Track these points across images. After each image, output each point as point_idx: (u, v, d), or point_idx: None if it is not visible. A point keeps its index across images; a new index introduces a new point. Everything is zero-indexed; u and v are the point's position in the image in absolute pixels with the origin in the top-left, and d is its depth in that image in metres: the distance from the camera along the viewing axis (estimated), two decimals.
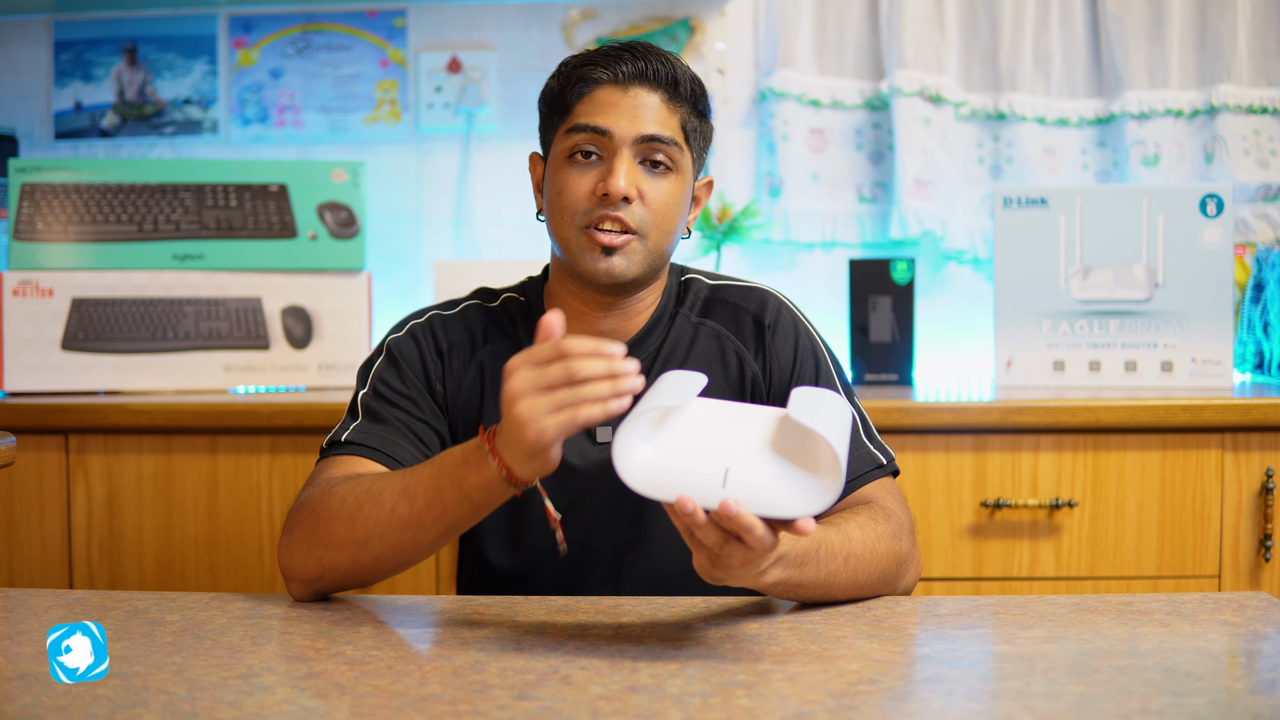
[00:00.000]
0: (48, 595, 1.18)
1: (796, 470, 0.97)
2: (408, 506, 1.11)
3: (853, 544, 1.14)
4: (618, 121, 1.24)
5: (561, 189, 1.26)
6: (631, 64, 1.26)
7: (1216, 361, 2.06)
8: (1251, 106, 2.39)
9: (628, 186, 1.23)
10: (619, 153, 1.24)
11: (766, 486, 0.95)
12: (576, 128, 1.26)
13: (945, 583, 1.87)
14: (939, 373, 2.43)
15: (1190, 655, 0.98)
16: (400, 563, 1.15)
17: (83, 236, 2.15)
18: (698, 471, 0.97)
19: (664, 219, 1.27)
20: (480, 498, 1.08)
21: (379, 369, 1.32)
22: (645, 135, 1.25)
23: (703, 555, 1.00)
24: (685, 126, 1.28)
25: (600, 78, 1.26)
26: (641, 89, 1.26)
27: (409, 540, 1.12)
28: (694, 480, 0.96)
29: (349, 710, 0.85)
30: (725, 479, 0.96)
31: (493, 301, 1.38)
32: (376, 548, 1.13)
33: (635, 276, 1.27)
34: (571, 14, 2.50)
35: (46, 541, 1.95)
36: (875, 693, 0.89)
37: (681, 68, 1.28)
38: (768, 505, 0.95)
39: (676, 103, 1.27)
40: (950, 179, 2.42)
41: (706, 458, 0.98)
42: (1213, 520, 1.85)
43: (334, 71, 2.52)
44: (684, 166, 1.29)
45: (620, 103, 1.25)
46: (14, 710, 0.85)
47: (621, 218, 1.24)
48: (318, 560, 1.15)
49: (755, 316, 1.35)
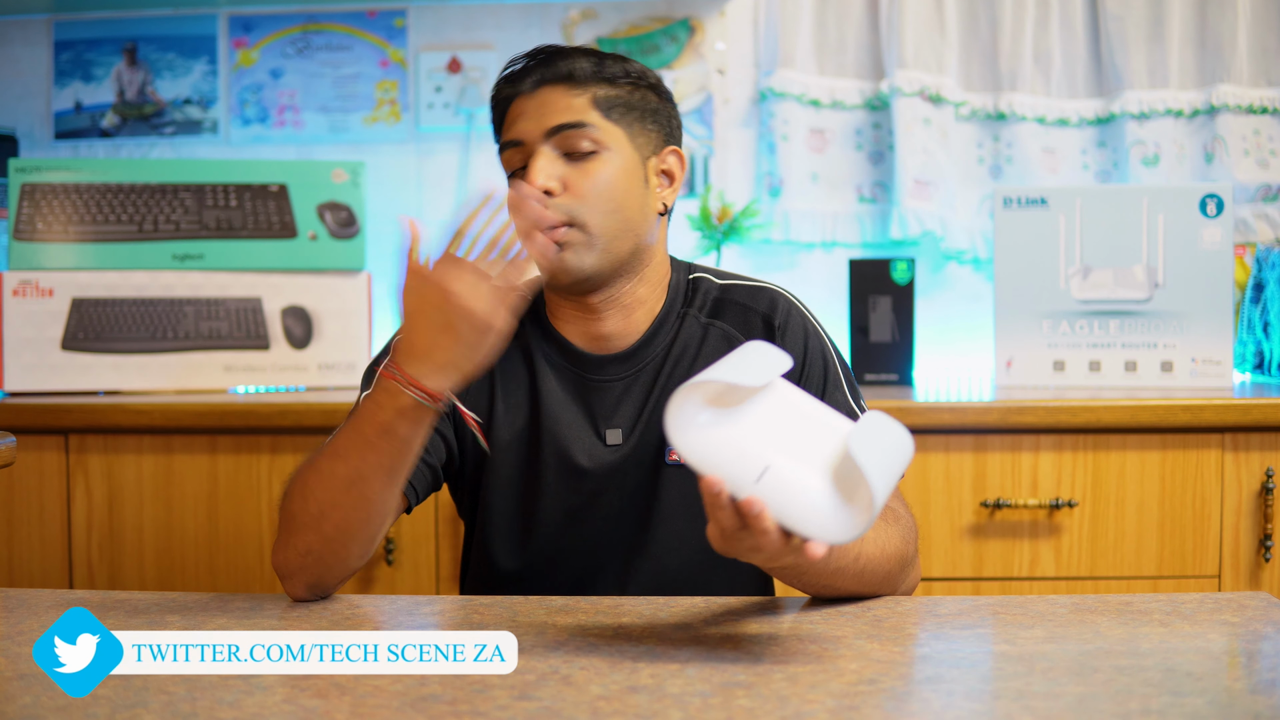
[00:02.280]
0: (48, 595, 1.18)
1: (833, 494, 0.96)
2: (343, 465, 1.12)
3: (865, 544, 1.14)
4: (525, 126, 1.26)
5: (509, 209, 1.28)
6: (534, 73, 1.27)
7: (1216, 361, 2.06)
8: (1251, 106, 2.39)
9: (544, 180, 1.23)
10: (534, 152, 1.25)
11: (797, 498, 0.95)
12: (502, 147, 1.29)
13: (945, 583, 1.87)
14: (939, 373, 2.43)
15: (1190, 655, 0.98)
16: (361, 526, 1.13)
17: (83, 236, 2.15)
18: (740, 458, 0.96)
19: (600, 199, 1.25)
20: (403, 428, 1.09)
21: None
22: (551, 128, 1.25)
23: (716, 530, 0.99)
24: (599, 104, 1.27)
25: (509, 94, 1.29)
26: (544, 89, 1.27)
27: (357, 498, 1.12)
28: (732, 465, 0.96)
29: (349, 710, 0.85)
30: (762, 475, 0.95)
31: None
32: (334, 516, 1.13)
33: (593, 267, 1.25)
34: (571, 14, 2.50)
35: (46, 541, 1.95)
36: (875, 693, 0.89)
37: (582, 59, 1.27)
38: (790, 516, 0.94)
39: (579, 87, 1.27)
40: (950, 179, 2.42)
41: (753, 448, 0.97)
42: (1213, 520, 1.85)
43: (334, 71, 2.52)
44: (613, 143, 1.27)
45: (527, 108, 1.27)
46: (14, 710, 0.85)
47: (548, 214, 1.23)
48: (294, 549, 1.15)
49: (765, 317, 1.33)
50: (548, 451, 1.30)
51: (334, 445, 1.14)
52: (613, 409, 1.31)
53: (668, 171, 1.33)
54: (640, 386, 1.31)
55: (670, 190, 1.33)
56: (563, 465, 1.30)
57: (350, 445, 1.12)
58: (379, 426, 1.10)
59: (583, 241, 1.24)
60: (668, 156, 1.33)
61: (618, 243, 1.26)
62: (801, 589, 1.14)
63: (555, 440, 1.30)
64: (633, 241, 1.28)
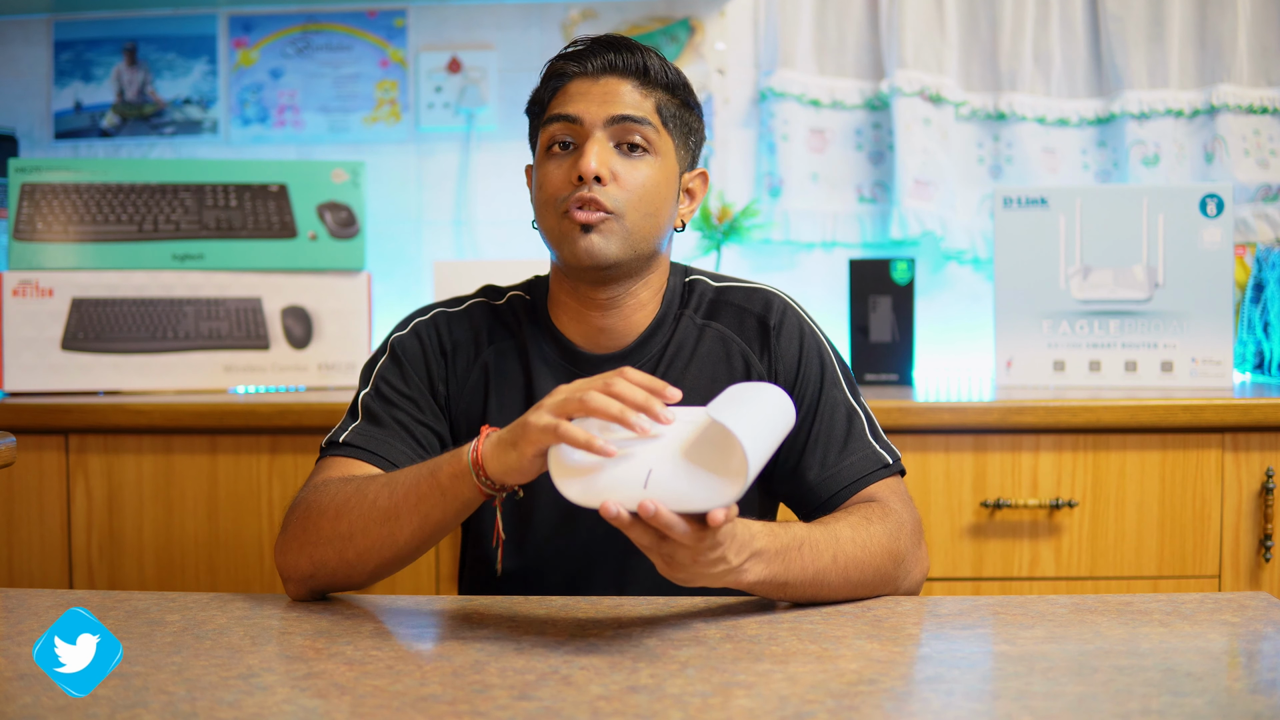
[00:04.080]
0: (48, 595, 1.18)
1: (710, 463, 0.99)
2: (388, 498, 1.13)
3: (841, 543, 1.15)
4: (588, 107, 1.26)
5: (542, 181, 1.28)
6: (601, 56, 1.28)
7: (1216, 361, 2.06)
8: (1251, 106, 2.39)
9: (599, 166, 1.24)
10: (591, 135, 1.26)
11: (680, 483, 0.98)
12: (551, 119, 1.28)
13: (945, 583, 1.87)
14: (939, 373, 2.43)
15: (1190, 655, 0.98)
16: (382, 559, 1.15)
17: (83, 236, 2.15)
18: (623, 476, 1.00)
19: (642, 200, 1.26)
20: (451, 487, 1.10)
21: (382, 368, 1.32)
22: (616, 116, 1.26)
23: (653, 558, 1.02)
24: (661, 111, 1.29)
25: (572, 71, 1.28)
26: (611, 78, 1.28)
27: (387, 534, 1.13)
28: (620, 484, 0.99)
29: (349, 710, 0.85)
30: (647, 480, 0.99)
31: (498, 299, 1.38)
32: (360, 542, 1.14)
33: (616, 258, 1.26)
34: (571, 14, 2.50)
35: (46, 541, 1.95)
36: (875, 693, 0.89)
37: (654, 58, 1.30)
38: (683, 500, 0.97)
39: (649, 87, 1.28)
40: (950, 179, 2.42)
41: (633, 461, 1.00)
42: (1213, 520, 1.85)
43: (334, 71, 2.52)
44: (663, 150, 1.29)
45: (591, 91, 1.27)
46: (14, 710, 0.85)
47: (596, 198, 1.24)
48: (308, 558, 1.16)
49: (760, 318, 1.34)
50: None
51: (392, 475, 1.16)
52: None
53: (691, 190, 1.36)
54: None
55: (689, 208, 1.36)
56: None
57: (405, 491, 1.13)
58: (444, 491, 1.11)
59: (616, 231, 1.25)
60: (696, 176, 1.37)
61: (643, 244, 1.28)
62: (795, 600, 1.14)
63: None
64: (653, 247, 1.30)
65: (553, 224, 1.27)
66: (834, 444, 1.29)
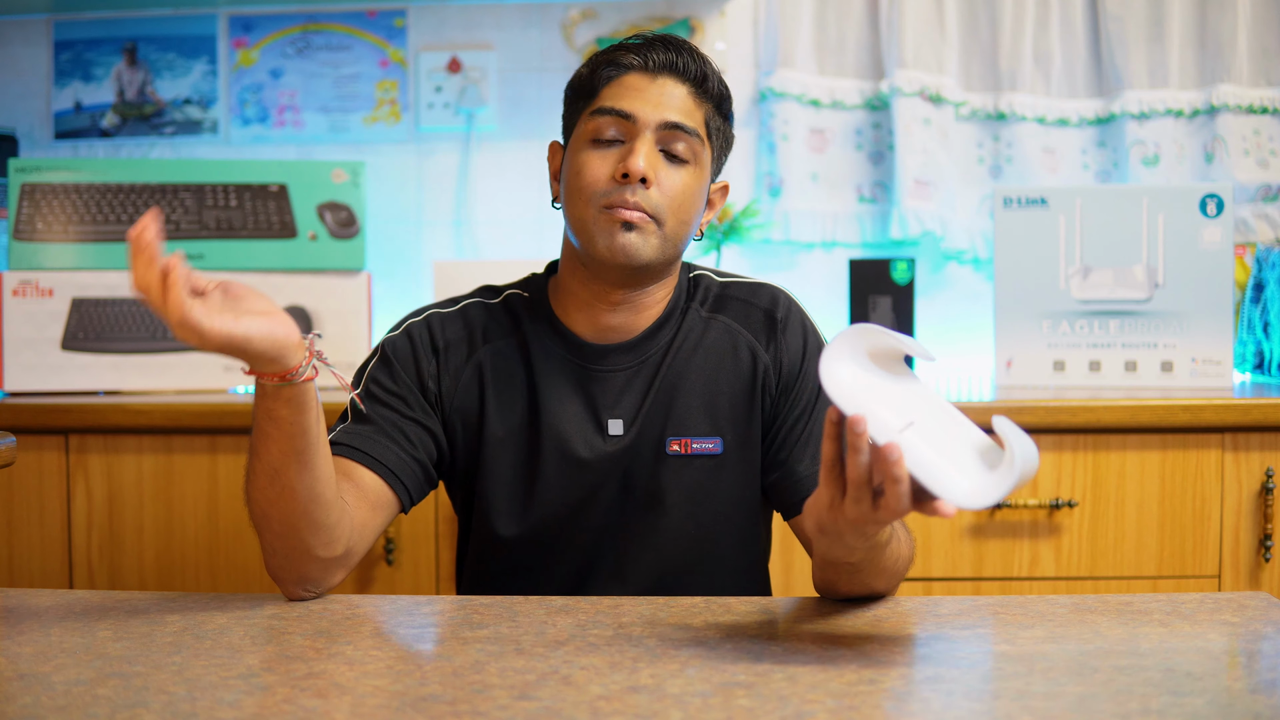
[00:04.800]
0: (48, 595, 1.18)
1: (970, 462, 0.96)
2: (258, 462, 1.12)
3: (901, 546, 1.17)
4: (643, 107, 1.25)
5: (581, 169, 1.27)
6: (663, 54, 1.27)
7: (1216, 361, 2.06)
8: (1251, 106, 2.39)
9: (647, 168, 1.23)
10: (641, 135, 1.25)
11: (936, 458, 0.95)
12: (601, 110, 1.26)
13: (945, 583, 1.87)
14: (939, 373, 2.43)
15: (1190, 655, 0.98)
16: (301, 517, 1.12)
17: (83, 236, 2.15)
18: (885, 411, 0.97)
19: (680, 208, 1.26)
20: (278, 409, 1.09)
21: (372, 369, 1.33)
22: (668, 122, 1.25)
23: (829, 493, 0.98)
24: (709, 123, 1.29)
25: (630, 64, 1.27)
26: (670, 79, 1.27)
27: (281, 489, 1.11)
28: (876, 414, 0.96)
29: (349, 710, 0.85)
30: (904, 429, 0.96)
31: (494, 298, 1.38)
32: (273, 513, 1.13)
33: (649, 260, 1.26)
34: (571, 14, 2.50)
35: (46, 541, 1.95)
36: (875, 693, 0.89)
37: (711, 67, 1.30)
38: (927, 472, 0.93)
39: (702, 98, 1.28)
40: (950, 179, 2.42)
41: (898, 407, 0.98)
42: (1213, 520, 1.85)
43: (334, 71, 2.52)
44: (704, 161, 1.29)
45: (647, 89, 1.26)
46: (14, 710, 0.85)
47: (638, 200, 1.24)
48: (266, 552, 1.16)
49: (767, 311, 1.35)
50: (547, 444, 1.30)
51: (249, 447, 1.15)
52: (615, 399, 1.31)
53: (712, 200, 1.37)
54: (643, 378, 1.32)
55: (707, 217, 1.36)
56: (562, 456, 1.30)
57: (255, 442, 1.12)
58: (263, 414, 1.11)
59: (655, 234, 1.25)
60: (719, 188, 1.37)
61: (673, 251, 1.29)
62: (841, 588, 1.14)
63: (555, 432, 1.30)
64: (680, 253, 1.31)
65: (587, 215, 1.26)
66: None
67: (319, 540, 1.14)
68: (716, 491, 1.31)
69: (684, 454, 1.31)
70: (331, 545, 1.15)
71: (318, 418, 1.12)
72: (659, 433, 1.31)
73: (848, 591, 1.15)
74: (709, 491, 1.31)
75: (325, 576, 1.17)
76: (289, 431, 1.10)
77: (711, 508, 1.32)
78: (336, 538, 1.16)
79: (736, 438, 1.32)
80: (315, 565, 1.16)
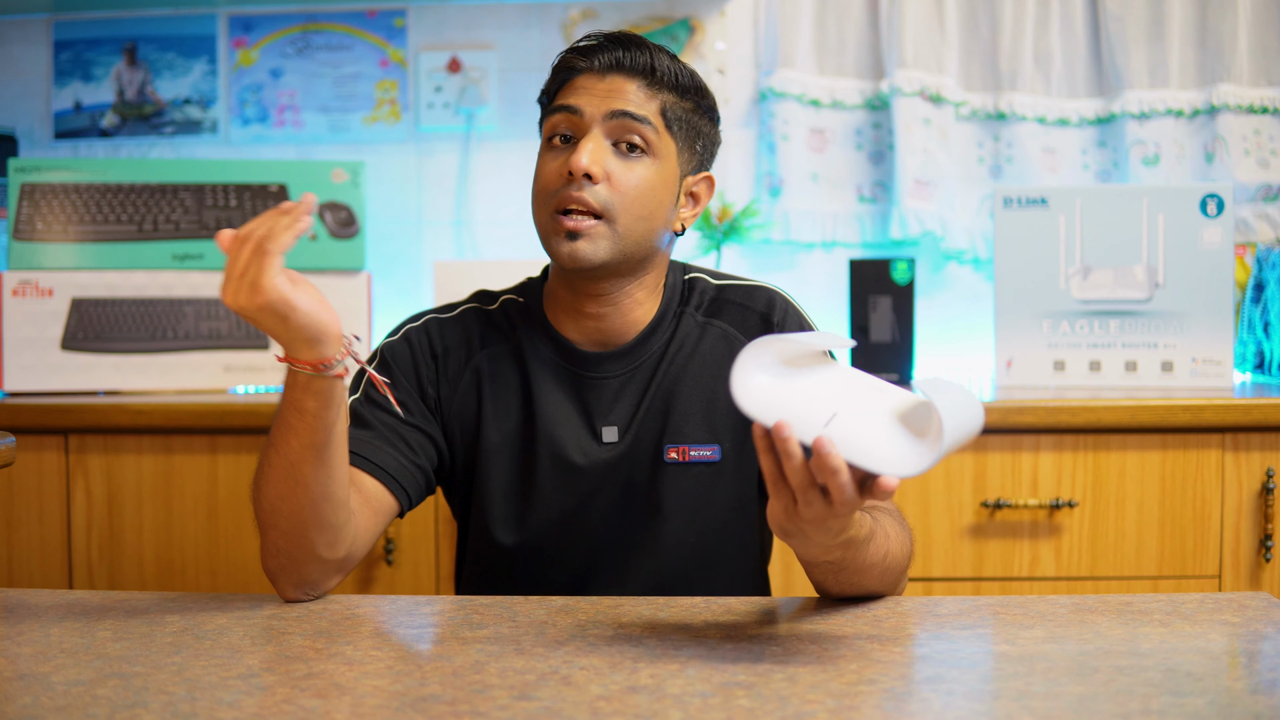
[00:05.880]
0: (47, 595, 1.18)
1: (900, 430, 0.96)
2: (275, 454, 1.12)
3: (891, 542, 1.15)
4: (590, 100, 1.25)
5: (537, 173, 1.28)
6: (609, 53, 1.27)
7: (1217, 361, 2.06)
8: (1252, 106, 2.39)
9: (591, 163, 1.22)
10: (589, 131, 1.25)
11: (865, 438, 0.94)
12: (552, 109, 1.28)
13: (945, 583, 1.87)
14: (939, 373, 2.43)
15: (1190, 655, 0.98)
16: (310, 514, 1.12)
17: (83, 236, 2.15)
18: (804, 410, 0.96)
19: (635, 203, 1.25)
20: (305, 401, 1.09)
21: None
22: (615, 110, 1.24)
23: (781, 501, 0.98)
24: (666, 112, 1.27)
25: (580, 66, 1.28)
26: (618, 76, 1.26)
27: (294, 484, 1.11)
28: (798, 416, 0.95)
29: (349, 710, 0.85)
30: (829, 422, 0.95)
31: (491, 304, 1.37)
32: (283, 509, 1.13)
33: (603, 261, 1.25)
34: (571, 14, 2.50)
35: (46, 541, 1.95)
36: (875, 693, 0.89)
37: (664, 58, 1.28)
38: (861, 455, 0.93)
39: (654, 88, 1.27)
40: (950, 179, 2.42)
41: (818, 403, 0.97)
42: (1213, 520, 1.85)
43: (334, 71, 2.52)
44: (663, 152, 1.27)
45: (595, 86, 1.26)
46: (14, 710, 0.85)
47: (584, 198, 1.23)
48: (267, 550, 1.15)
49: (763, 315, 1.34)
50: (542, 450, 1.30)
51: (267, 440, 1.15)
52: (609, 406, 1.31)
53: (695, 194, 1.34)
54: (637, 384, 1.31)
55: (692, 213, 1.34)
56: (557, 464, 1.30)
57: (276, 434, 1.12)
58: (289, 405, 1.11)
59: (604, 235, 1.24)
60: (701, 180, 1.34)
61: (633, 247, 1.27)
62: (830, 588, 1.14)
63: (549, 439, 1.30)
64: (645, 249, 1.29)
65: (543, 219, 1.26)
66: None
67: (324, 540, 1.14)
68: (715, 499, 1.31)
69: (682, 462, 1.30)
70: (335, 547, 1.15)
71: (341, 416, 1.12)
72: (656, 440, 1.30)
73: (839, 592, 1.14)
74: (708, 499, 1.31)
75: (324, 579, 1.17)
76: (312, 425, 1.10)
77: (710, 515, 1.31)
78: (341, 539, 1.16)
79: (734, 445, 1.31)
80: (316, 566, 1.15)
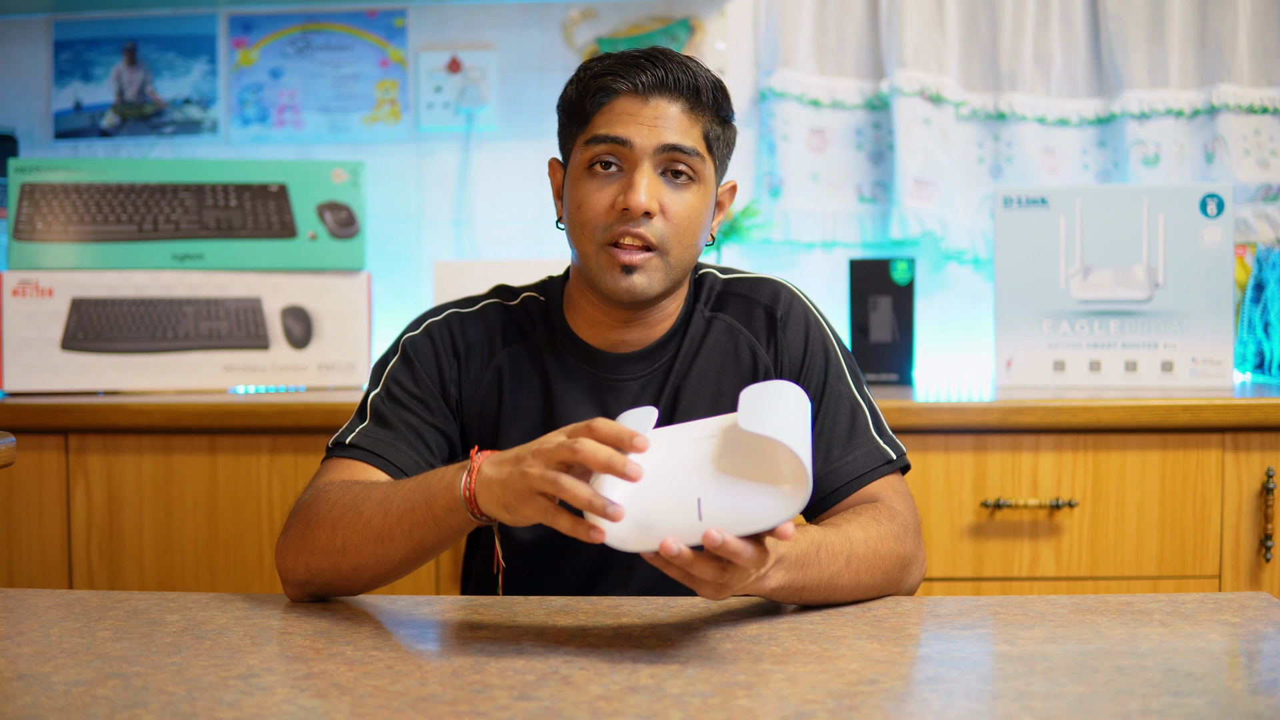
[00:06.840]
0: (47, 595, 1.18)
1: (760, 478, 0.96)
2: (382, 518, 1.11)
3: (854, 545, 1.14)
4: (638, 131, 1.22)
5: (581, 202, 1.24)
6: (651, 73, 1.22)
7: (1217, 361, 2.06)
8: (1252, 106, 2.39)
9: (649, 201, 1.21)
10: (639, 165, 1.22)
11: (739, 506, 0.95)
12: (596, 139, 1.23)
13: (945, 583, 1.87)
14: (939, 373, 2.43)
15: (1190, 655, 0.98)
16: (376, 575, 1.14)
17: (82, 236, 2.15)
18: (673, 510, 0.95)
19: (685, 232, 1.24)
20: (445, 516, 1.08)
21: (393, 368, 1.31)
22: (666, 144, 1.22)
23: (703, 589, 0.99)
24: (708, 135, 1.26)
25: (620, 88, 1.23)
26: (662, 99, 1.23)
27: (381, 554, 1.12)
28: (670, 520, 0.95)
29: (349, 710, 0.85)
30: (700, 510, 0.95)
31: (512, 300, 1.36)
32: (354, 557, 1.13)
33: (657, 293, 1.25)
34: (571, 14, 2.49)
35: (46, 541, 1.95)
36: (875, 693, 0.89)
37: (704, 75, 1.25)
38: (746, 522, 0.94)
39: (698, 111, 1.24)
40: (950, 179, 2.42)
41: (676, 494, 0.96)
42: (1213, 520, 1.85)
43: (334, 71, 2.52)
44: (706, 176, 1.26)
45: (640, 113, 1.22)
46: (14, 710, 0.85)
47: (642, 233, 1.22)
48: (305, 565, 1.15)
49: (767, 308, 1.34)
50: None
51: (386, 493, 1.13)
52: (627, 409, 1.30)
53: (721, 203, 1.34)
54: (654, 385, 1.32)
55: (718, 220, 1.34)
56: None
57: (397, 500, 1.11)
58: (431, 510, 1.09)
59: (658, 267, 1.24)
60: (726, 190, 1.35)
61: (683, 271, 1.27)
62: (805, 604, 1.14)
63: None
64: (689, 271, 1.30)
65: (590, 250, 1.24)
66: (837, 439, 1.29)
67: (368, 587, 1.16)
68: None
69: None
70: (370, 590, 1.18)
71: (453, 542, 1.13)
72: None
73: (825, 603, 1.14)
74: None
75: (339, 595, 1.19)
76: (436, 535, 1.10)
77: None
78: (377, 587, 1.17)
79: None
80: (338, 591, 1.17)
